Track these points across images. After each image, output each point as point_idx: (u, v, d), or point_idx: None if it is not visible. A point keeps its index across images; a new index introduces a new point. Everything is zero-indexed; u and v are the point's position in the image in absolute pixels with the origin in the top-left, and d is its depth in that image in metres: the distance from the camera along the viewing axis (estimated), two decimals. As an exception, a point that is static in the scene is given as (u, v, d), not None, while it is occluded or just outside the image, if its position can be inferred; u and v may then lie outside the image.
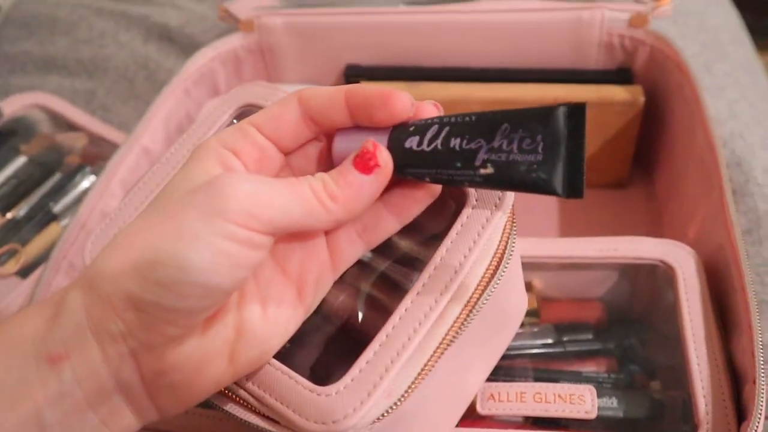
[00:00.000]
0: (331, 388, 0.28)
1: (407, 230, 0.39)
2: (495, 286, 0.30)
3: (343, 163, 0.27)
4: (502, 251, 0.30)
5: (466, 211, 0.30)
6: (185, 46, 0.77)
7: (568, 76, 0.58)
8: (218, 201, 0.24)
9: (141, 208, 0.38)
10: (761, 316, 0.49)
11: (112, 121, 0.71)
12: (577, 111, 0.23)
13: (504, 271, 0.30)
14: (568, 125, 0.23)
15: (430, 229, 0.38)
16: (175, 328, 0.24)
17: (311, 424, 0.27)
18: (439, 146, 0.25)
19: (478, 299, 0.29)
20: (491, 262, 0.30)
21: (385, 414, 0.28)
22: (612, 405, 0.39)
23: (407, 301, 0.29)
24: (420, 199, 0.29)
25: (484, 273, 0.30)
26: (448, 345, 0.29)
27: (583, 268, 0.43)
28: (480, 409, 0.36)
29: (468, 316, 0.29)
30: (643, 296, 0.44)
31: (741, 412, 0.35)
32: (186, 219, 0.24)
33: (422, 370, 0.28)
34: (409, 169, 0.26)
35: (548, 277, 0.45)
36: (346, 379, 0.28)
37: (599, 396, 0.39)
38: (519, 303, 0.37)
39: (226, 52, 0.61)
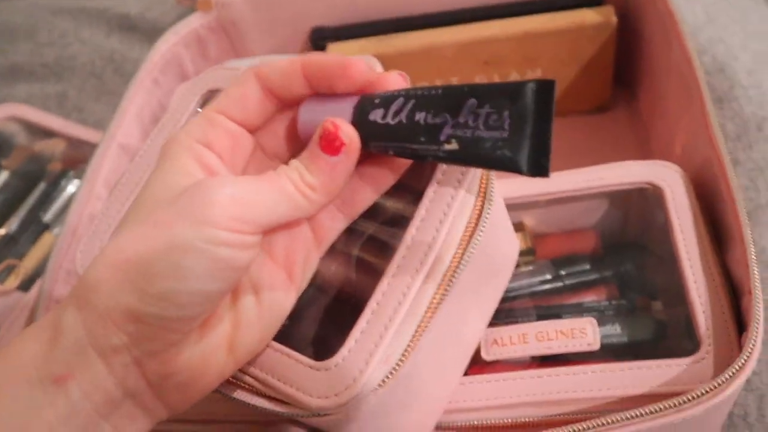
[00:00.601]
0: (330, 362, 0.28)
1: (393, 190, 0.39)
2: (480, 235, 0.30)
3: (310, 146, 0.27)
4: (482, 200, 0.30)
5: (441, 167, 0.30)
6: (148, 32, 0.75)
7: (539, 6, 0.57)
8: (205, 209, 0.24)
9: (124, 209, 0.38)
10: (756, 222, 0.49)
11: (87, 121, 0.70)
12: (545, 87, 0.22)
13: (487, 217, 0.30)
14: (536, 101, 0.22)
15: (416, 187, 0.38)
16: (175, 335, 0.25)
17: (315, 400, 0.28)
18: (404, 119, 0.25)
19: (463, 253, 0.29)
20: (472, 213, 0.30)
21: (387, 378, 0.28)
22: (616, 331, 0.40)
23: (393, 267, 0.29)
24: (395, 168, 0.29)
25: (467, 226, 0.30)
26: (439, 303, 0.29)
27: (572, 200, 0.43)
28: (485, 355, 0.37)
29: (455, 272, 0.29)
30: (635, 220, 0.44)
31: (741, 323, 0.35)
32: (175, 229, 0.24)
33: (416, 331, 0.28)
34: (373, 142, 0.26)
35: (539, 213, 0.45)
36: (343, 351, 0.28)
37: (602, 324, 0.39)
38: (508, 249, 0.37)
39: (187, 35, 0.60)
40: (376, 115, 0.25)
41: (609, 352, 0.39)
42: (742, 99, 0.56)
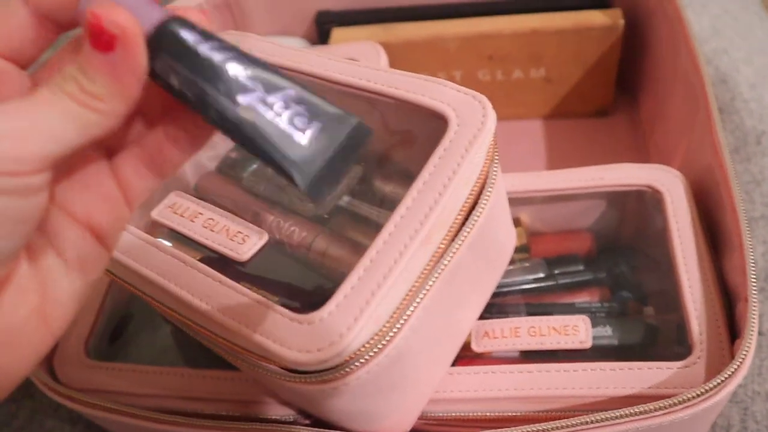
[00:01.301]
0: (315, 316, 0.27)
1: (393, 175, 0.38)
2: (480, 211, 0.30)
3: (83, 45, 0.22)
4: (485, 175, 0.30)
5: (449, 135, 0.30)
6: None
7: (546, 4, 0.56)
8: None
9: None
10: (750, 234, 0.49)
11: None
12: (363, 130, 0.21)
13: (488, 196, 0.30)
14: (349, 136, 0.21)
15: (405, 167, 0.38)
16: None
17: (294, 353, 0.27)
18: (215, 58, 0.22)
19: (462, 224, 0.29)
20: (474, 186, 0.30)
21: (374, 342, 0.27)
22: (606, 333, 0.39)
23: (390, 226, 0.28)
24: (204, 131, 0.25)
25: (467, 197, 0.29)
26: (432, 271, 0.28)
27: (570, 199, 0.43)
28: (475, 347, 0.36)
29: (452, 241, 0.28)
30: (631, 223, 0.44)
31: (734, 330, 0.35)
32: None
33: (407, 296, 0.28)
34: (163, 55, 0.22)
35: (536, 211, 0.44)
36: (330, 305, 0.27)
37: (593, 326, 0.39)
38: (507, 239, 0.37)
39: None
40: (186, 34, 0.22)
41: (598, 354, 0.39)
42: (743, 112, 0.56)
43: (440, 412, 0.35)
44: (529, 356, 0.39)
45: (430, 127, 0.32)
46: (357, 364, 0.27)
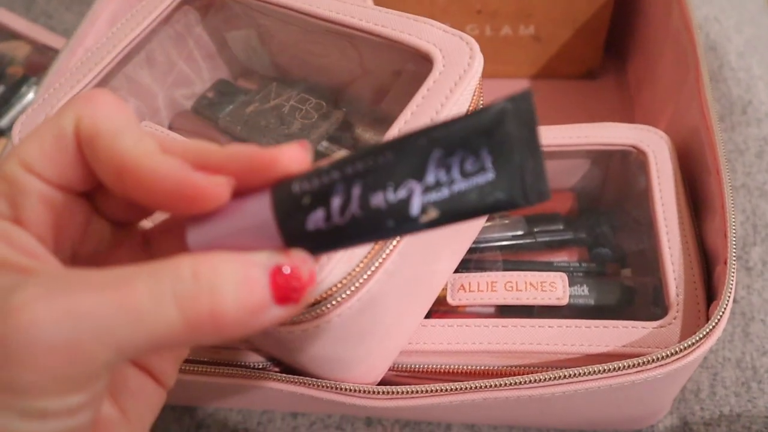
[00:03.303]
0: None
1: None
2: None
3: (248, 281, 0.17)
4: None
5: (434, 75, 0.29)
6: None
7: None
8: (10, 366, 0.15)
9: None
10: (733, 199, 0.49)
11: (56, 29, 0.66)
12: (523, 101, 0.18)
13: None
14: (517, 124, 0.17)
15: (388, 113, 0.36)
16: None
17: None
18: (358, 212, 0.18)
19: None
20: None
21: (352, 291, 0.26)
22: (583, 293, 0.39)
23: None
24: None
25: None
26: None
27: (553, 157, 0.42)
28: (450, 299, 0.36)
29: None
30: (615, 184, 0.43)
31: (711, 294, 0.35)
32: None
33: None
34: (321, 251, 0.19)
35: (518, 168, 0.43)
36: None
37: (570, 285, 0.38)
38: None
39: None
40: (318, 221, 0.18)
41: (575, 314, 0.38)
42: (730, 80, 0.55)
43: (412, 363, 0.35)
44: (505, 313, 0.38)
45: (417, 69, 0.31)
46: (329, 306, 0.26)
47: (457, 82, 0.28)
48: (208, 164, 0.18)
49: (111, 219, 0.21)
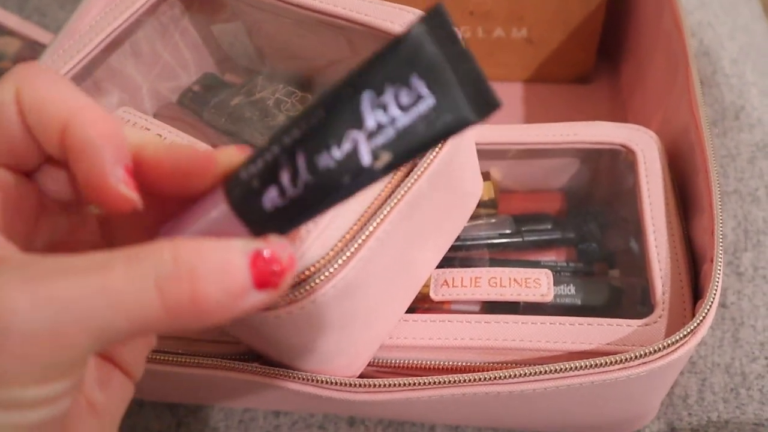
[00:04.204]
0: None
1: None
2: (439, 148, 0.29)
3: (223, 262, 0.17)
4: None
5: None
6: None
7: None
8: None
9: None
10: (721, 202, 0.48)
11: (49, 27, 0.66)
12: (435, 18, 0.17)
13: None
14: (436, 42, 0.17)
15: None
16: None
17: None
18: (309, 178, 0.17)
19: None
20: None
21: (326, 277, 0.26)
22: (570, 292, 0.38)
23: None
24: None
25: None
26: (387, 198, 0.27)
27: (542, 155, 0.42)
28: (434, 295, 0.35)
29: (411, 170, 0.27)
30: (603, 183, 0.43)
31: (698, 293, 0.34)
32: None
33: (359, 219, 0.27)
34: (290, 227, 0.19)
35: (507, 167, 0.43)
36: None
37: (557, 284, 0.38)
38: (472, 187, 0.35)
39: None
40: (274, 199, 0.18)
41: (561, 313, 0.38)
42: (723, 86, 0.55)
43: (393, 358, 0.34)
44: (490, 311, 0.38)
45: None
46: (302, 290, 0.25)
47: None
48: (145, 152, 0.19)
49: (58, 199, 0.21)
